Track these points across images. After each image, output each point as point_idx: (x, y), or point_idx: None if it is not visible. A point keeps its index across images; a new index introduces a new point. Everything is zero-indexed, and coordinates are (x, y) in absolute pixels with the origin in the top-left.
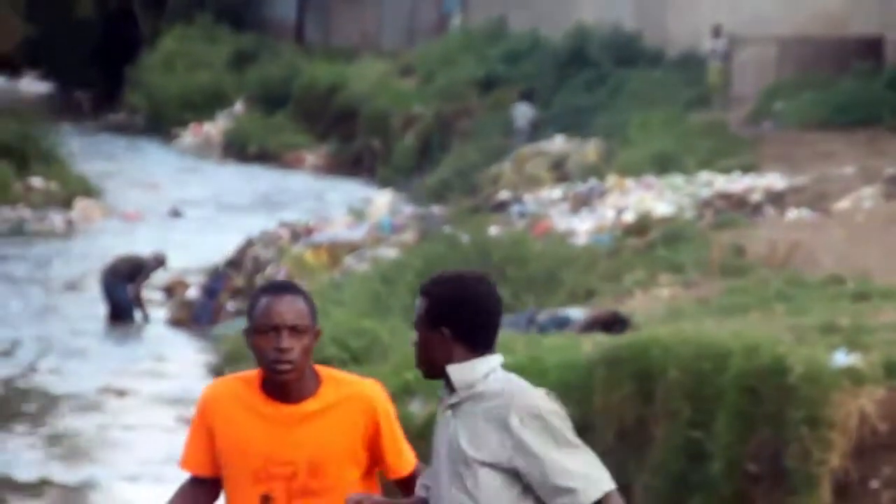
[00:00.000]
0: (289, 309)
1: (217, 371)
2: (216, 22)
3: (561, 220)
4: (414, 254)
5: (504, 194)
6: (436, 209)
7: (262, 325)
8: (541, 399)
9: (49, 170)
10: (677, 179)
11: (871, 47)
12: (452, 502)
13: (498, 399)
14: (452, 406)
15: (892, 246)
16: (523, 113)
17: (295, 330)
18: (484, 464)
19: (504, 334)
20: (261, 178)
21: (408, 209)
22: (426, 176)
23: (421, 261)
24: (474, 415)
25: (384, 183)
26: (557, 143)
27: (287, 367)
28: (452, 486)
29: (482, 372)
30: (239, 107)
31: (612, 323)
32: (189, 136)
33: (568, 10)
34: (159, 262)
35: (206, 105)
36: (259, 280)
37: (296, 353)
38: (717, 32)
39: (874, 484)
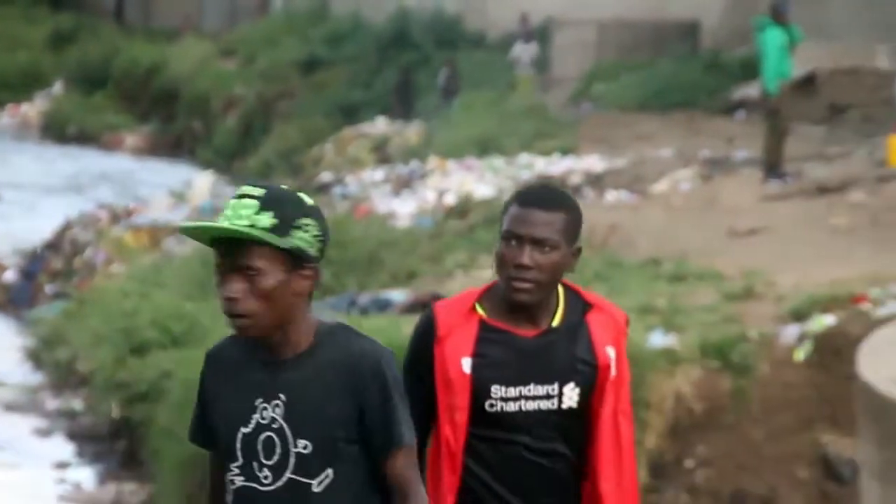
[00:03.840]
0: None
1: (34, 355)
2: (35, 2)
3: (383, 203)
4: None
5: (326, 176)
6: None
7: None
8: None
9: None
10: (498, 161)
11: (689, 31)
12: None
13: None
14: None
15: (707, 228)
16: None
17: None
18: None
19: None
20: (80, 160)
21: (229, 191)
22: (248, 157)
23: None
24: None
25: (205, 165)
26: (379, 125)
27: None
28: None
29: None
30: (58, 87)
31: None
32: (5, 117)
33: None
34: None
35: (23, 86)
36: (77, 263)
37: None
38: (528, 37)
39: (689, 463)
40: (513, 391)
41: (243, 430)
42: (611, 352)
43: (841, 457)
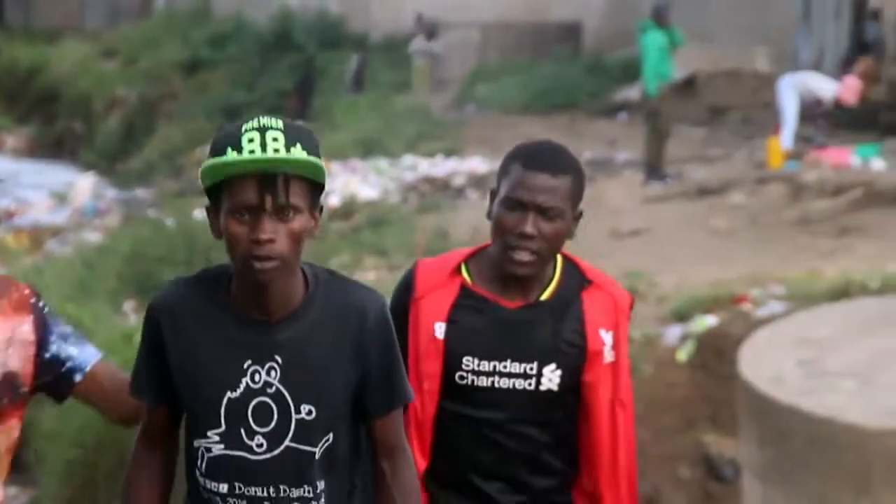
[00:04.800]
0: None
1: None
2: None
3: None
4: (118, 238)
5: None
6: (140, 192)
7: None
8: None
9: None
10: (382, 163)
11: (571, 33)
12: None
13: None
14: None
15: (590, 229)
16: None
17: None
18: None
19: None
20: None
21: (112, 193)
22: (130, 159)
23: (125, 245)
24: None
25: (87, 166)
26: None
27: None
28: None
29: None
30: None
31: None
32: None
33: None
34: None
35: None
36: None
37: None
38: (431, 34)
39: None
40: (486, 365)
41: (230, 394)
42: (606, 336)
43: (723, 456)
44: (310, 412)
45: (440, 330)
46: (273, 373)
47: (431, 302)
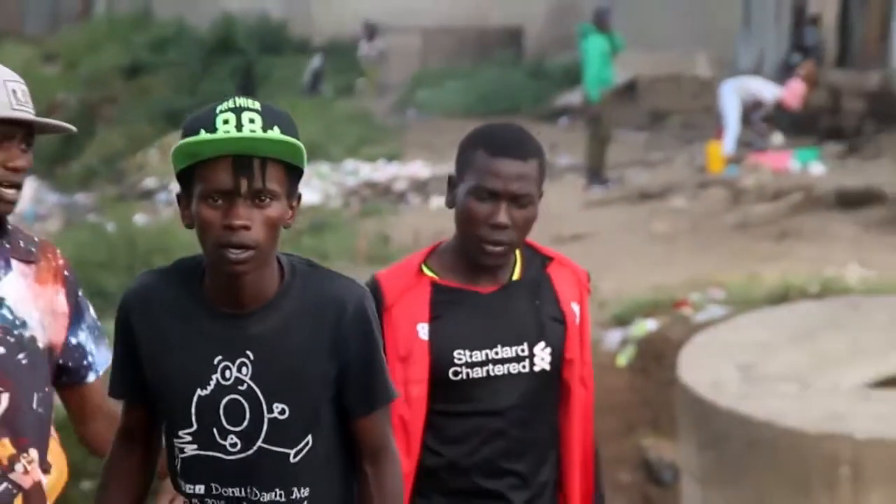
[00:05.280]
0: None
1: None
2: None
3: None
4: (58, 243)
5: (150, 182)
6: (81, 197)
7: None
8: None
9: None
10: (324, 167)
11: (512, 38)
12: None
13: None
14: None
15: (532, 232)
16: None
17: None
18: None
19: None
20: None
21: (52, 198)
22: (71, 163)
23: (66, 250)
24: None
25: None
26: None
27: None
28: None
29: None
30: None
31: None
32: None
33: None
34: None
35: None
36: None
37: None
38: (371, 35)
39: None
40: (479, 355)
41: (200, 392)
42: (576, 308)
43: (663, 460)
44: (283, 411)
45: (423, 331)
46: (244, 369)
47: (405, 307)
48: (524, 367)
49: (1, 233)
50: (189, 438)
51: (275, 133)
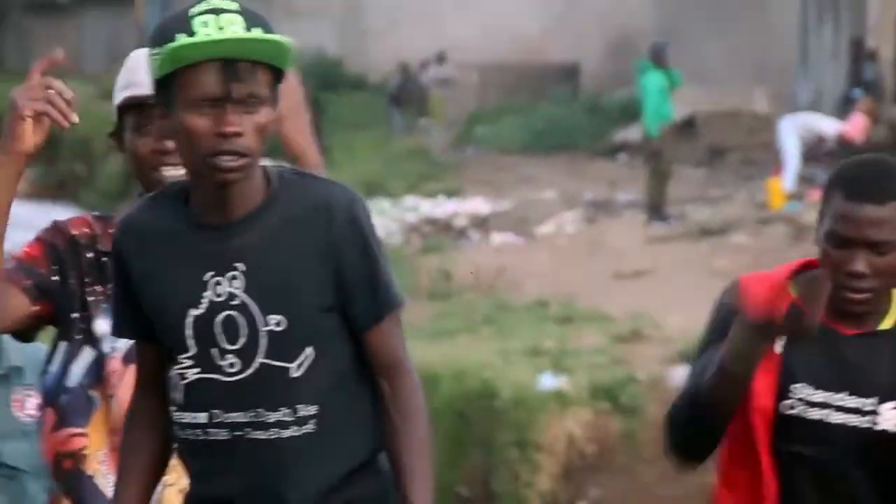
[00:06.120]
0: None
1: None
2: None
3: None
4: None
5: None
6: None
7: None
8: None
9: None
10: (384, 203)
11: (569, 74)
12: None
13: None
14: None
15: (593, 270)
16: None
17: None
18: None
19: None
20: None
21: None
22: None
23: None
24: None
25: (89, 208)
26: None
27: None
28: None
29: None
30: None
31: None
32: None
33: None
34: None
35: None
36: None
37: None
38: (440, 59)
39: None
40: (819, 395)
41: (193, 312)
42: None
43: None
44: (278, 323)
45: (779, 343)
46: (235, 282)
47: None
48: (865, 422)
49: None
50: (190, 363)
51: (260, 33)
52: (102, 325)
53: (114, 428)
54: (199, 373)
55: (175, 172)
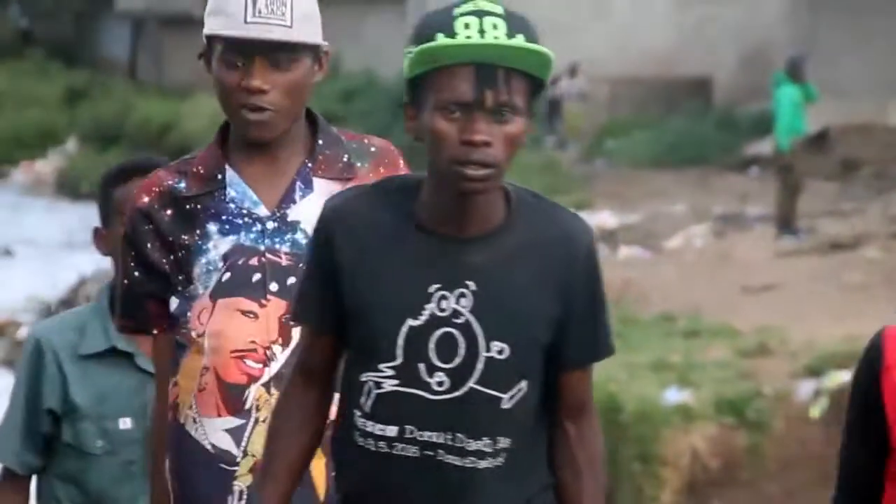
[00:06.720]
0: None
1: None
2: (48, 58)
3: None
4: None
5: None
6: None
7: None
8: None
9: None
10: None
11: (701, 87)
12: None
13: None
14: None
15: (721, 284)
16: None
17: None
18: None
19: None
20: (94, 218)
21: None
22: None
23: None
24: None
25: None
26: None
27: None
28: None
29: None
30: (71, 144)
31: None
32: (20, 174)
33: (399, 49)
34: None
35: (37, 143)
36: None
37: None
38: (573, 72)
39: None
40: None
41: (411, 322)
42: None
43: None
44: (501, 351)
45: None
46: (463, 300)
47: None
48: None
49: (310, 150)
50: (391, 373)
51: (521, 41)
52: (195, 270)
53: (206, 367)
54: (397, 385)
55: (257, 117)
